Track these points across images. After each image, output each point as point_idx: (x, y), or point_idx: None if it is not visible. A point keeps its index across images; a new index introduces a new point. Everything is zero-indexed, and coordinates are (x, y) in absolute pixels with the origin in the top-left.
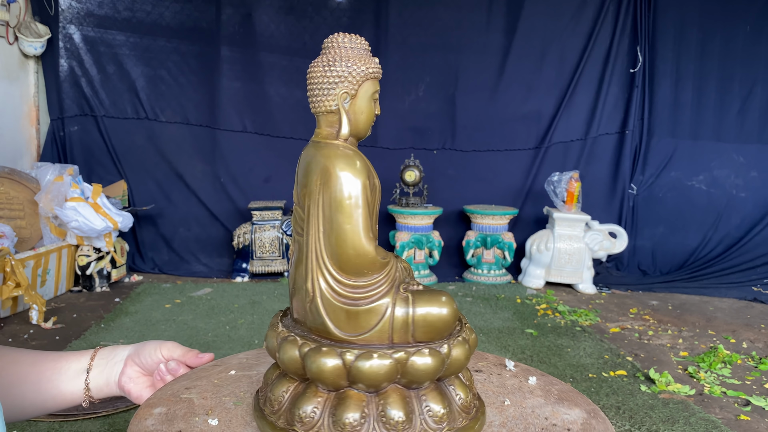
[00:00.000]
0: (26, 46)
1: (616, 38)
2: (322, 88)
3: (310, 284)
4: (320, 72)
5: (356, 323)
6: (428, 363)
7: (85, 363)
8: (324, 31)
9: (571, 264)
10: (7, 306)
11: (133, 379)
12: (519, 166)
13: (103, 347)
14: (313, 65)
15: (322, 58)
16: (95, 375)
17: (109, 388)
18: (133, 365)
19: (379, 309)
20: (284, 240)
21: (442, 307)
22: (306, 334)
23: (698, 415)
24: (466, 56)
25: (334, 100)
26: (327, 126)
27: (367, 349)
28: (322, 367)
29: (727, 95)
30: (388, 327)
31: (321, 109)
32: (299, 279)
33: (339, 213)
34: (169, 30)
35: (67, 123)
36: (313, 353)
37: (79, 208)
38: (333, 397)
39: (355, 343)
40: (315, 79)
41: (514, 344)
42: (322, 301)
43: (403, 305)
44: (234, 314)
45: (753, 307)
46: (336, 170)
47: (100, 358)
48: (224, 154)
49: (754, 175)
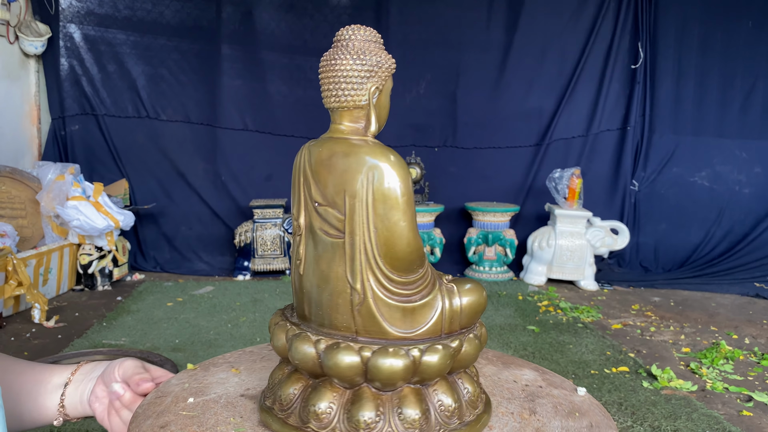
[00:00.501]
0: (27, 46)
1: (617, 34)
2: (352, 82)
3: (359, 285)
4: (350, 65)
5: (413, 319)
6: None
7: (66, 377)
8: (324, 28)
9: (572, 261)
10: (10, 305)
11: (99, 399)
12: (520, 163)
13: (88, 363)
14: (338, 57)
15: (347, 50)
16: (71, 391)
17: (82, 407)
18: (101, 384)
19: (432, 303)
20: (285, 238)
21: (482, 294)
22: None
23: (700, 411)
24: (467, 53)
25: (364, 94)
26: (350, 121)
27: (430, 343)
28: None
29: (729, 91)
30: (442, 319)
31: (348, 104)
32: (337, 281)
33: (394, 210)
34: (170, 28)
35: (68, 122)
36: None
37: (80, 207)
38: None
39: (413, 339)
40: (344, 72)
41: (516, 341)
42: (375, 301)
43: (451, 297)
44: (236, 312)
45: (755, 303)
46: (387, 167)
47: (80, 374)
48: (225, 153)
49: (757, 171)
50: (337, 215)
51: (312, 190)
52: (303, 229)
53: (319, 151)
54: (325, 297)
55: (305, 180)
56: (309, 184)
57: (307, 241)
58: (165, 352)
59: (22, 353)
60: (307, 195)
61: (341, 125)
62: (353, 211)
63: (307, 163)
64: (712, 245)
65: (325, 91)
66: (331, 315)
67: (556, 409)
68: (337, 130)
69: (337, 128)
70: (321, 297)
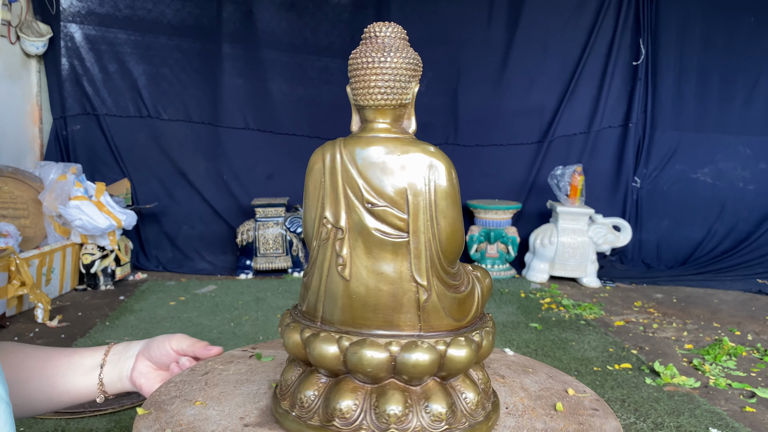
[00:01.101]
0: (28, 46)
1: (618, 31)
2: (402, 80)
3: (426, 282)
4: (400, 63)
5: (463, 309)
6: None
7: (99, 359)
8: (325, 27)
9: (575, 258)
10: (13, 305)
11: (144, 375)
12: (522, 160)
13: (117, 344)
14: (386, 54)
15: (390, 48)
16: (108, 370)
17: (122, 383)
18: (144, 360)
19: (473, 291)
20: (288, 237)
21: (490, 276)
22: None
23: (703, 407)
24: (468, 51)
25: (409, 93)
26: (393, 119)
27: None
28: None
29: (732, 87)
30: (478, 305)
31: (395, 102)
32: (402, 281)
33: (453, 206)
34: (171, 27)
35: (69, 122)
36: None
37: (82, 207)
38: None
39: (464, 327)
40: (394, 70)
41: (519, 338)
42: (438, 296)
43: (481, 282)
44: (238, 311)
45: (758, 299)
46: (445, 165)
47: (113, 354)
48: (227, 152)
49: (762, 167)
50: (397, 215)
51: (362, 191)
52: (347, 231)
53: (368, 151)
54: (385, 298)
55: (349, 181)
56: (356, 185)
57: (354, 243)
58: None
59: None
60: (352, 196)
61: (382, 123)
62: (417, 209)
63: (350, 164)
64: (715, 242)
65: (368, 88)
66: (393, 316)
67: (510, 367)
68: (379, 128)
69: (378, 127)
70: (379, 299)
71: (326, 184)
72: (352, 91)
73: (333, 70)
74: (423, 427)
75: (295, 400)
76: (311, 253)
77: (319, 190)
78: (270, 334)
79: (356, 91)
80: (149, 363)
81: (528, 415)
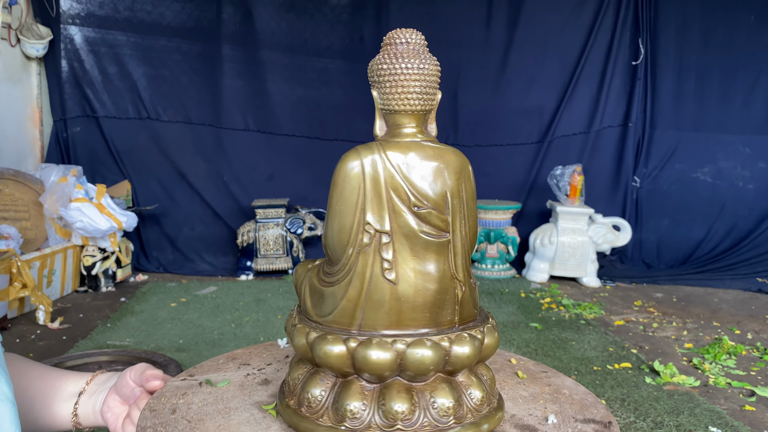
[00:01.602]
0: (28, 48)
1: (617, 30)
2: (434, 86)
3: (463, 277)
4: (434, 69)
5: (477, 298)
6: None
7: (81, 386)
8: (324, 28)
9: (575, 257)
10: (14, 307)
11: (111, 409)
12: (522, 160)
13: (104, 372)
14: (421, 61)
15: (422, 54)
16: (84, 400)
17: (95, 417)
18: (113, 394)
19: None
20: (288, 238)
21: None
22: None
23: (703, 406)
24: (467, 51)
25: (435, 98)
26: (420, 124)
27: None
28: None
29: (731, 86)
30: None
31: (428, 107)
32: (444, 279)
33: (475, 205)
34: (170, 29)
35: (69, 124)
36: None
37: (83, 209)
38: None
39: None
40: (430, 76)
41: (519, 338)
42: (469, 289)
43: None
44: (239, 312)
45: (758, 299)
46: (470, 167)
47: (95, 384)
48: (227, 153)
49: (761, 166)
50: (440, 216)
51: (409, 195)
52: (393, 234)
53: (409, 156)
54: (432, 297)
55: (394, 186)
56: (402, 190)
57: (400, 246)
58: (169, 353)
59: (27, 355)
60: (398, 200)
61: (412, 128)
62: (455, 210)
63: (393, 169)
64: (715, 241)
65: (406, 94)
66: (439, 313)
67: None
68: (411, 133)
69: (409, 131)
70: (426, 298)
71: (367, 190)
72: (382, 95)
73: (332, 71)
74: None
75: (301, 399)
76: (342, 261)
77: (357, 195)
78: (271, 335)
79: (390, 96)
80: (117, 397)
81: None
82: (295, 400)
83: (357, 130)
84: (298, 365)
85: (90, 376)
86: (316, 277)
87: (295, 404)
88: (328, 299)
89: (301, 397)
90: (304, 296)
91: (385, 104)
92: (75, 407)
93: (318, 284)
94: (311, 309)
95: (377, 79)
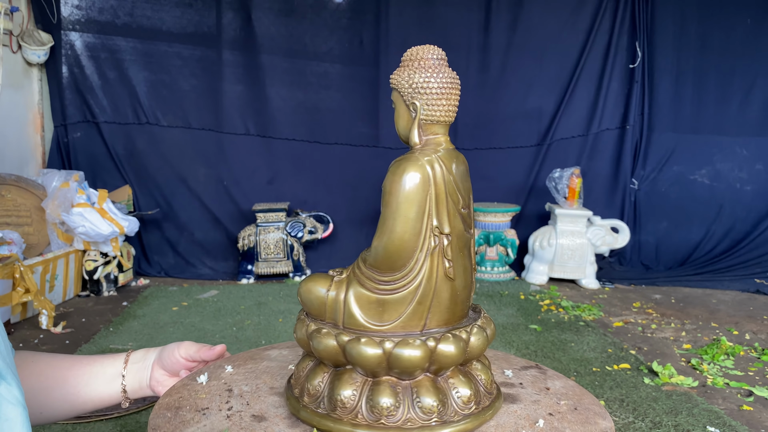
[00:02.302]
0: (29, 54)
1: (614, 34)
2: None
3: (475, 269)
4: (458, 85)
5: None
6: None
7: (120, 368)
8: (324, 32)
9: (573, 259)
10: (17, 311)
11: (160, 383)
12: (521, 163)
13: (134, 352)
14: (454, 78)
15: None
16: (130, 379)
17: (142, 390)
18: (158, 369)
19: None
20: (289, 241)
21: None
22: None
23: (701, 406)
24: (466, 54)
25: None
26: (447, 133)
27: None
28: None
29: (729, 88)
30: None
31: (453, 119)
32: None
33: None
34: (170, 35)
35: (70, 129)
36: None
37: (85, 214)
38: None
39: None
40: (458, 91)
41: (519, 340)
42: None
43: None
44: (240, 315)
45: (756, 299)
46: None
47: (132, 363)
48: (227, 157)
49: (759, 168)
50: (470, 214)
51: (459, 198)
52: (453, 235)
53: (456, 162)
54: (468, 289)
55: (451, 191)
56: (455, 194)
57: (455, 245)
58: None
59: None
60: (453, 204)
61: (446, 136)
62: (472, 210)
63: (450, 175)
64: (713, 243)
65: (453, 106)
66: (462, 307)
67: None
68: (445, 142)
69: (444, 140)
70: (466, 291)
71: (433, 195)
72: (427, 107)
73: (332, 75)
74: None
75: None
76: (410, 266)
77: (426, 201)
78: (272, 338)
79: (436, 107)
80: (163, 371)
81: None
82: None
83: (357, 133)
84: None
85: (122, 357)
86: (364, 287)
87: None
88: (392, 306)
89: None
90: (348, 309)
91: (429, 115)
92: (122, 385)
93: (373, 294)
94: (364, 320)
95: (423, 91)
